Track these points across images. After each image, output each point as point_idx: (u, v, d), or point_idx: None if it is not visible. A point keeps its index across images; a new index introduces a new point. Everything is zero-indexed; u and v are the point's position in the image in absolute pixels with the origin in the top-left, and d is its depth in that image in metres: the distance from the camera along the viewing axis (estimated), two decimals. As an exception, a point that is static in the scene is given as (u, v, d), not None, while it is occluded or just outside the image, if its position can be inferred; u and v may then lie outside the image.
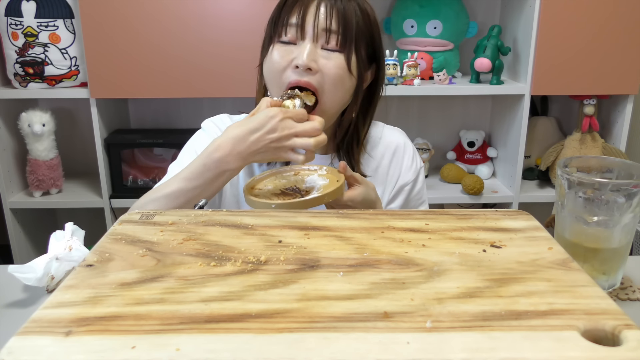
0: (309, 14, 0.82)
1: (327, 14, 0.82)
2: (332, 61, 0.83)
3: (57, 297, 0.46)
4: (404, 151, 1.00)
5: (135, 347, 0.39)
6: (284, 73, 0.84)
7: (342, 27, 0.82)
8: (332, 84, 0.84)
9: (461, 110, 2.09)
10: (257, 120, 0.76)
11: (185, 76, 1.69)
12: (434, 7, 1.79)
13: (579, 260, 0.68)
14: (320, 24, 0.82)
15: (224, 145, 0.77)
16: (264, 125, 0.75)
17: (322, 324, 0.41)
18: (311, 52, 0.82)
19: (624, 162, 0.76)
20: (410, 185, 1.00)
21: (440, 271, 0.50)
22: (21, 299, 0.76)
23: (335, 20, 0.82)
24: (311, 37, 0.82)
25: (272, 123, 0.75)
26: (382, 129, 1.02)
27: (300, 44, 0.83)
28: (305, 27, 0.82)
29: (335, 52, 0.83)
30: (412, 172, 1.00)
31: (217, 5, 1.64)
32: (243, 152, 0.76)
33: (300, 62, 0.81)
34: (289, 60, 0.83)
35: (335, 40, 0.83)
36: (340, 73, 0.83)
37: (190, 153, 0.94)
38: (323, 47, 0.83)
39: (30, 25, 1.66)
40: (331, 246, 0.56)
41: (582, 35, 1.69)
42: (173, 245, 0.56)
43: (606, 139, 1.90)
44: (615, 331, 0.41)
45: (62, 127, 1.95)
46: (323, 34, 0.82)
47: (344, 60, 0.83)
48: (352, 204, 0.80)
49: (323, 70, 0.83)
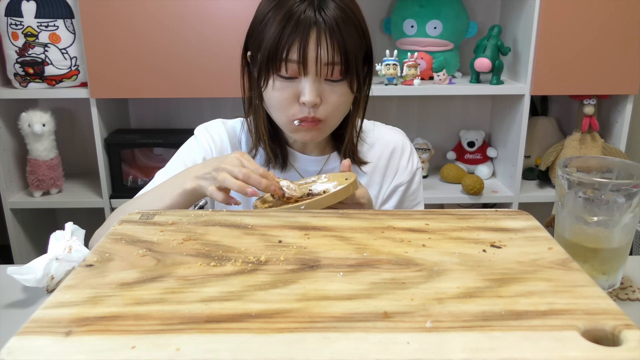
0: (310, 50, 0.78)
1: (328, 48, 0.79)
2: (337, 92, 0.83)
3: (57, 297, 0.46)
4: (402, 151, 1.00)
5: (135, 347, 0.39)
6: (290, 109, 0.83)
7: (344, 57, 0.80)
8: (337, 110, 0.85)
9: (461, 110, 2.09)
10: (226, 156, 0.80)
11: (185, 76, 1.69)
12: (434, 7, 1.79)
13: (579, 260, 0.68)
14: (323, 59, 0.79)
15: (189, 167, 0.83)
16: (225, 157, 0.79)
17: (322, 324, 0.41)
18: (316, 88, 0.81)
19: (624, 162, 0.76)
20: (404, 186, 1.00)
21: (440, 271, 0.50)
22: (21, 299, 0.76)
23: (337, 52, 0.79)
24: (314, 73, 0.80)
25: (230, 156, 0.78)
26: (381, 129, 1.02)
27: (302, 78, 0.81)
28: (308, 64, 0.79)
29: (338, 81, 0.82)
30: (408, 172, 1.00)
31: (217, 5, 1.64)
32: (198, 172, 0.79)
33: (307, 100, 0.80)
34: (292, 95, 0.82)
35: (338, 71, 0.81)
36: (344, 100, 0.84)
37: (178, 162, 0.95)
38: (326, 78, 0.82)
39: (30, 25, 1.66)
40: (331, 246, 0.56)
41: (582, 35, 1.69)
42: (173, 245, 0.56)
43: (606, 139, 1.90)
44: (615, 331, 0.41)
45: (62, 127, 1.95)
46: (326, 67, 0.80)
47: (348, 87, 0.83)
48: (365, 201, 0.80)
49: (328, 101, 0.83)
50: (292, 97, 0.82)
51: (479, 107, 2.09)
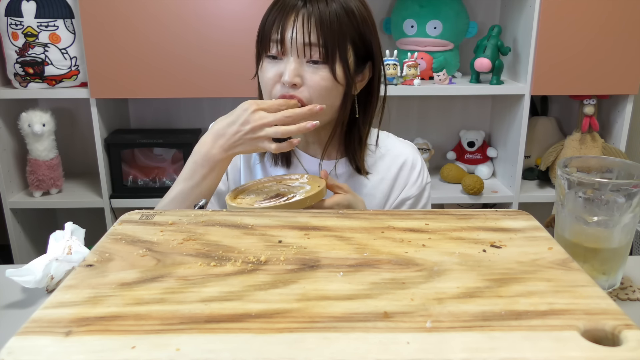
0: (287, 30, 0.81)
1: (305, 28, 0.80)
2: (318, 74, 0.83)
3: (57, 297, 0.46)
4: (412, 166, 0.98)
5: (135, 347, 0.39)
6: (273, 88, 0.85)
7: (322, 38, 0.81)
8: (318, 96, 0.84)
9: (461, 110, 2.09)
10: (233, 114, 0.81)
11: (185, 76, 1.69)
12: (434, 7, 1.79)
13: (579, 260, 0.68)
14: (299, 39, 0.81)
15: (207, 140, 0.82)
16: (238, 118, 0.80)
17: (322, 324, 0.41)
18: (295, 68, 0.82)
19: (624, 162, 0.76)
20: (412, 200, 0.98)
21: (440, 271, 0.50)
22: (21, 299, 0.76)
23: (314, 33, 0.80)
24: (294, 53, 0.82)
25: (244, 116, 0.80)
26: (394, 142, 1.01)
27: (285, 58, 0.83)
28: (285, 43, 0.82)
29: (320, 63, 0.83)
30: (417, 187, 0.98)
31: (217, 5, 1.64)
32: (224, 144, 0.81)
33: (285, 79, 0.82)
34: (276, 74, 0.84)
35: (317, 53, 0.82)
36: (327, 84, 0.84)
37: None
38: (308, 60, 0.83)
39: (30, 25, 1.66)
40: (331, 246, 0.56)
41: (582, 35, 1.69)
42: (173, 245, 0.56)
43: (606, 139, 1.90)
44: (615, 331, 0.41)
45: (62, 127, 1.95)
46: (303, 48, 0.81)
47: (329, 72, 0.83)
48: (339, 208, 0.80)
49: (309, 83, 0.83)
50: (276, 77, 0.84)
51: (479, 107, 2.09)
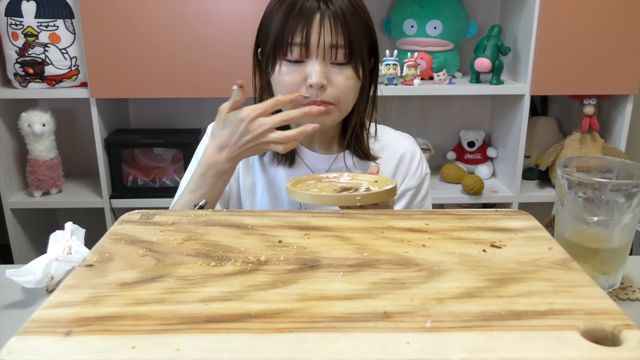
0: (313, 32, 0.81)
1: (332, 30, 0.80)
2: (343, 75, 0.84)
3: (57, 297, 0.46)
4: (412, 157, 1.00)
5: (135, 347, 0.39)
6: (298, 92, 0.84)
7: (347, 40, 0.82)
8: (345, 95, 0.85)
9: (461, 110, 2.09)
10: (230, 125, 0.81)
11: (185, 76, 1.69)
12: (434, 7, 1.79)
13: (579, 260, 0.68)
14: (326, 42, 0.81)
15: (212, 151, 0.83)
16: (237, 130, 0.80)
17: (322, 324, 0.41)
18: (322, 70, 0.82)
19: (624, 162, 0.76)
20: (413, 191, 0.99)
21: (440, 271, 0.50)
22: (21, 299, 0.76)
23: (340, 35, 0.81)
24: (319, 56, 0.82)
25: (242, 126, 0.80)
26: (391, 134, 1.02)
27: (308, 61, 0.83)
28: (311, 46, 0.81)
29: (344, 64, 0.83)
30: (417, 178, 0.99)
31: (217, 5, 1.64)
32: (230, 154, 0.82)
33: (314, 81, 0.81)
34: (300, 79, 0.83)
35: (342, 54, 0.82)
36: (352, 83, 0.85)
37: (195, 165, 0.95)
38: (332, 62, 0.83)
39: (30, 25, 1.66)
40: (331, 246, 0.56)
41: (582, 35, 1.69)
42: (173, 245, 0.56)
43: (606, 139, 1.90)
44: (615, 331, 0.41)
45: (62, 127, 1.95)
46: (330, 50, 0.82)
47: (354, 71, 0.84)
48: (391, 204, 0.82)
49: (335, 84, 0.84)
50: (300, 81, 0.83)
51: (479, 107, 2.08)
